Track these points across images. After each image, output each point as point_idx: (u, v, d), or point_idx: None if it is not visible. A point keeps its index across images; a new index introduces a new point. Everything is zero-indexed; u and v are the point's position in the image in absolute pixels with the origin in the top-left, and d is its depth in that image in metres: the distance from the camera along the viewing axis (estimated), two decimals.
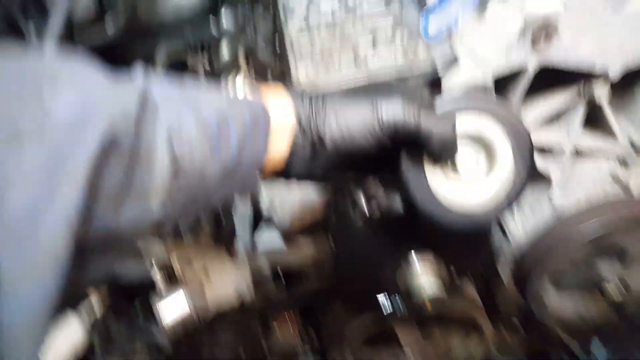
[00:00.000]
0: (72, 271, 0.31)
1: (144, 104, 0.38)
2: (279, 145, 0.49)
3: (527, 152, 0.52)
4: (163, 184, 0.38)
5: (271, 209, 0.86)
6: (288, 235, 0.92)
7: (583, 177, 0.79)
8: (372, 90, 0.51)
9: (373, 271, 0.76)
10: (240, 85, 0.73)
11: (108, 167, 0.33)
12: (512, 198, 0.53)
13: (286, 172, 0.51)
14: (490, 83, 0.65)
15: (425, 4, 0.91)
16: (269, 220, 0.91)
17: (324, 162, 0.51)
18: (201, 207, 0.44)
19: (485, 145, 0.54)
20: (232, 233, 0.92)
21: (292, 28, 0.92)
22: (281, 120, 0.49)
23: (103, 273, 0.36)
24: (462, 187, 0.53)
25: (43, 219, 0.29)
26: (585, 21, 0.69)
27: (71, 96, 0.33)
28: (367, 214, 0.71)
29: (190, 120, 0.40)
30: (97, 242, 0.34)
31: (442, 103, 0.52)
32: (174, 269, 0.90)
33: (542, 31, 0.60)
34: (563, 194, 0.81)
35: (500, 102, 0.53)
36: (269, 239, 0.95)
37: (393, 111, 0.46)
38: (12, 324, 0.28)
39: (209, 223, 0.90)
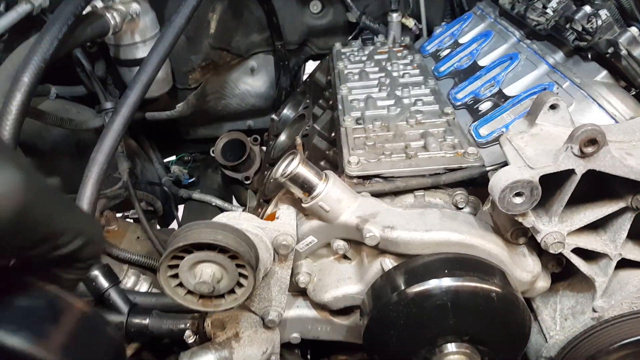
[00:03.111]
0: None
1: None
2: None
3: None
4: None
5: (308, 279, 0.88)
6: (321, 307, 0.92)
7: (627, 284, 0.79)
8: None
9: (406, 354, 0.76)
10: (295, 165, 0.79)
11: None
12: None
13: None
14: (537, 182, 0.68)
15: (478, 113, 0.98)
16: (304, 292, 0.92)
17: None
18: None
19: None
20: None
21: (349, 120, 1.00)
22: None
23: None
24: None
25: None
26: (636, 135, 0.73)
27: None
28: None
29: None
30: None
31: None
32: (207, 332, 0.91)
33: (591, 139, 0.64)
34: (606, 300, 0.80)
35: None
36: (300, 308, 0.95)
37: None
38: None
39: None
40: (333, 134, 1.11)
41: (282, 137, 1.34)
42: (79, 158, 1.38)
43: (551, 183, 0.69)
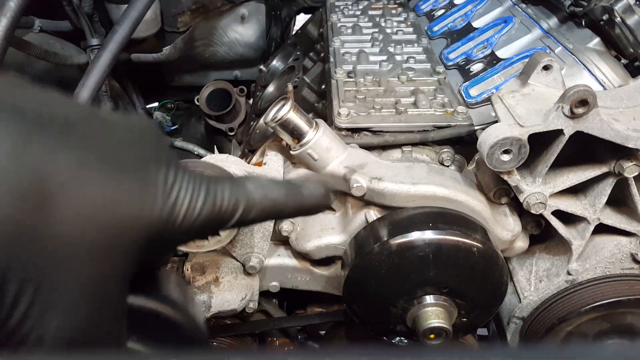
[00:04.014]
0: None
1: None
2: None
3: None
4: None
5: (291, 227, 0.88)
6: (302, 257, 0.93)
7: (602, 249, 0.82)
8: None
9: (384, 304, 0.77)
10: (286, 110, 0.77)
11: None
12: None
13: None
14: (526, 140, 0.68)
15: (469, 74, 0.97)
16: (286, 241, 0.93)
17: None
18: None
19: None
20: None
21: (340, 72, 0.98)
22: None
23: None
24: None
25: None
26: (623, 102, 0.74)
27: None
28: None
29: None
30: None
31: None
32: (186, 276, 0.91)
33: (582, 100, 0.64)
34: (580, 263, 0.83)
35: None
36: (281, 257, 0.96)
37: None
38: None
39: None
40: (323, 87, 1.10)
41: (270, 89, 1.32)
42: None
43: (537, 144, 0.70)
